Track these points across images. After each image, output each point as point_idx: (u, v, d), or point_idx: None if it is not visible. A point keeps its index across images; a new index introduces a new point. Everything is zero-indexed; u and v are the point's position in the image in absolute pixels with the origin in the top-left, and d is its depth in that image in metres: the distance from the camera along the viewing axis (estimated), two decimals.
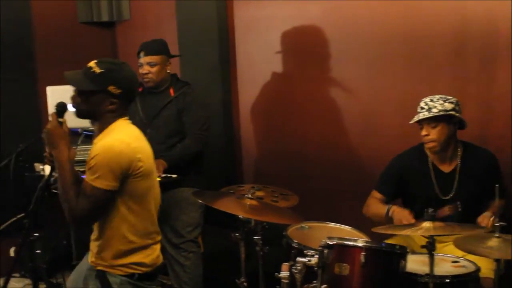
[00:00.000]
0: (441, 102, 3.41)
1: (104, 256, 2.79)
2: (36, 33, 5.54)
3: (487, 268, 3.11)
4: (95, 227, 2.84)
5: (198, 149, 4.19)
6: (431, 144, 3.47)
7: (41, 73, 5.51)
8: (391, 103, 4.27)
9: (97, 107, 2.74)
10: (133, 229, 2.77)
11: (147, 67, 4.15)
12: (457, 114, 3.42)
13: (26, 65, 5.44)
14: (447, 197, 3.52)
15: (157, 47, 4.23)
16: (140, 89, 4.24)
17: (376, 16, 4.26)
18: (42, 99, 5.21)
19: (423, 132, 3.47)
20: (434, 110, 3.40)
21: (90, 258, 2.89)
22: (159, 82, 4.20)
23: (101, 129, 2.79)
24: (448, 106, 3.41)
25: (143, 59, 4.17)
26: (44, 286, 4.92)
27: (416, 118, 3.45)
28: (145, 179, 2.76)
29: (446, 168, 3.56)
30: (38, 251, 3.70)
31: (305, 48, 4.72)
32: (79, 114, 2.79)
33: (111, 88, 2.71)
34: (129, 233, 2.77)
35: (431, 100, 3.44)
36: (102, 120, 2.77)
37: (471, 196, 3.50)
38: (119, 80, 2.73)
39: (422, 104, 3.46)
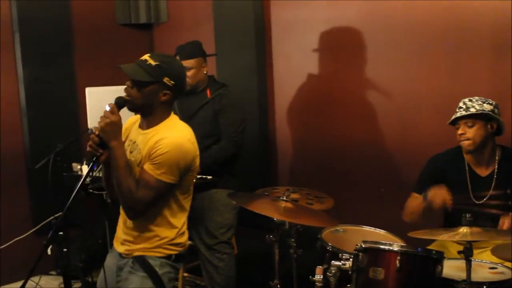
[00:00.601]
0: (480, 102, 3.41)
1: (145, 241, 2.87)
2: (75, 33, 5.62)
3: None
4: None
5: (233, 151, 4.20)
6: (466, 143, 3.44)
7: (79, 73, 5.58)
8: (428, 105, 4.23)
9: (152, 98, 2.80)
10: (175, 215, 2.90)
11: None
12: (495, 116, 3.39)
13: (65, 66, 5.51)
14: (481, 202, 3.48)
15: (191, 51, 4.24)
16: None
17: (414, 16, 4.23)
18: (80, 100, 5.28)
19: (459, 131, 3.45)
20: (472, 109, 3.39)
21: (121, 249, 2.95)
22: (195, 85, 4.22)
23: (154, 122, 2.85)
24: (487, 107, 3.39)
25: None
26: (79, 284, 5.01)
27: (453, 117, 3.46)
28: (192, 175, 2.92)
29: (482, 172, 3.52)
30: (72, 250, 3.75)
31: (341, 49, 4.71)
32: (133, 106, 2.83)
33: (166, 80, 2.78)
34: (172, 219, 2.89)
35: (470, 100, 3.44)
36: (155, 113, 2.84)
37: (506, 202, 3.44)
38: (173, 73, 2.81)
39: (460, 104, 3.47)
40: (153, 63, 2.76)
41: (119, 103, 2.79)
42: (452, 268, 3.03)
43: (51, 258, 5.18)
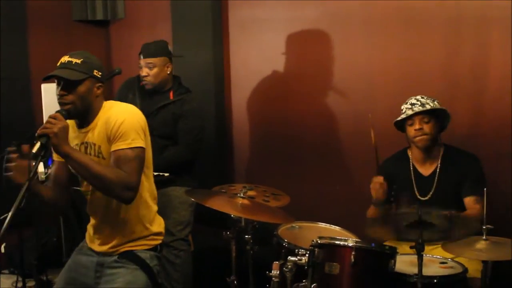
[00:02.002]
0: (431, 100, 3.53)
1: (129, 231, 2.91)
2: (30, 30, 5.55)
3: (474, 269, 3.16)
4: (113, 211, 2.89)
5: (188, 158, 4.23)
6: (424, 137, 3.53)
7: (34, 70, 5.51)
8: (383, 105, 4.31)
9: (89, 95, 2.79)
10: (149, 193, 2.97)
11: (146, 69, 4.17)
12: (448, 113, 3.52)
13: (19, 63, 5.44)
14: (425, 198, 3.59)
15: (155, 49, 4.23)
16: (142, 83, 4.26)
17: (372, 13, 4.32)
18: (35, 96, 5.22)
19: (416, 126, 3.53)
20: (427, 106, 3.49)
21: (102, 248, 2.95)
22: (158, 84, 4.21)
23: (92, 116, 2.85)
24: (438, 105, 3.52)
25: (142, 61, 4.18)
26: (33, 283, 4.95)
27: (410, 112, 3.51)
28: (148, 147, 2.92)
29: (425, 171, 3.65)
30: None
31: (299, 49, 4.78)
32: (75, 112, 2.79)
33: (95, 73, 2.81)
34: (148, 198, 2.96)
35: (422, 97, 3.54)
36: (92, 108, 2.83)
37: (449, 198, 3.56)
38: (98, 64, 2.86)
39: (412, 101, 3.55)
40: (78, 60, 2.78)
41: (63, 116, 2.73)
42: (404, 263, 3.11)
43: (2, 257, 5.15)
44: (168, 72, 4.26)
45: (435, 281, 2.97)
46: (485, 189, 2.96)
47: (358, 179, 4.42)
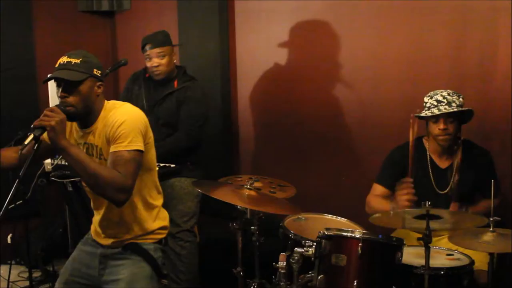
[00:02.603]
0: (456, 97, 3.42)
1: (132, 229, 2.92)
2: (36, 21, 5.54)
3: (481, 261, 3.14)
4: (116, 209, 2.85)
5: (188, 144, 4.20)
6: (447, 137, 3.46)
7: (40, 61, 5.50)
8: (390, 95, 4.31)
9: (90, 95, 2.77)
10: (152, 192, 2.98)
11: (157, 59, 4.15)
12: (473, 114, 3.47)
13: (25, 54, 5.44)
14: (443, 192, 3.55)
15: (163, 38, 4.23)
16: (148, 74, 4.27)
17: (379, 7, 4.29)
18: (41, 88, 5.22)
19: (441, 126, 3.43)
20: (454, 104, 3.40)
21: (106, 241, 2.95)
22: (169, 73, 4.21)
23: (94, 117, 2.82)
24: (462, 101, 3.44)
25: (152, 51, 4.16)
26: (39, 273, 4.97)
27: (437, 111, 3.41)
28: (152, 149, 2.93)
29: (443, 164, 3.59)
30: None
31: (305, 41, 4.76)
32: (76, 113, 2.76)
33: (95, 71, 2.79)
34: (151, 198, 2.96)
35: (449, 94, 3.43)
36: (93, 108, 2.81)
37: (466, 192, 3.54)
38: (97, 63, 2.83)
39: (438, 97, 3.43)
40: (77, 60, 2.74)
41: (68, 117, 2.71)
42: (411, 255, 3.11)
43: (9, 247, 5.18)
44: (175, 61, 4.29)
45: (442, 272, 2.96)
46: (492, 180, 2.93)
47: (364, 170, 4.40)
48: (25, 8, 5.46)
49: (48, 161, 4.13)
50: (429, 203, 2.84)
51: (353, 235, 2.86)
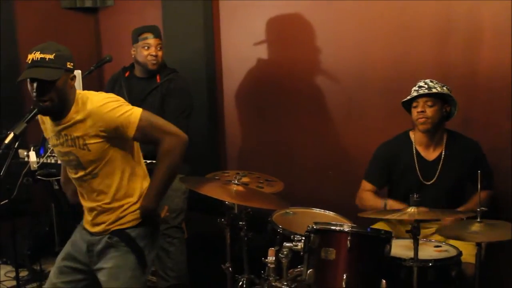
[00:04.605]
0: (440, 85, 3.49)
1: (116, 211, 2.89)
2: (18, 19, 5.49)
3: (468, 254, 3.18)
4: (99, 190, 2.89)
5: None
6: (424, 120, 3.49)
7: (23, 60, 5.43)
8: (376, 88, 4.31)
9: (65, 89, 2.73)
10: (136, 170, 2.95)
11: (155, 49, 4.15)
12: (454, 100, 3.49)
13: (8, 52, 5.38)
14: (429, 183, 3.57)
15: (160, 31, 4.24)
16: (127, 74, 4.25)
17: (364, 2, 4.28)
18: (25, 85, 5.16)
19: (419, 109, 3.49)
20: (434, 90, 3.46)
21: (94, 229, 2.94)
22: (160, 66, 4.21)
23: (68, 108, 2.77)
24: (446, 90, 3.49)
25: (153, 40, 4.14)
26: (26, 273, 4.94)
27: (415, 93, 3.49)
28: None
29: (429, 156, 3.60)
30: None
31: (290, 36, 4.75)
32: (52, 107, 2.73)
33: (69, 65, 2.75)
34: (135, 175, 2.94)
35: (431, 81, 3.51)
36: (67, 101, 2.77)
37: (453, 184, 3.56)
38: (69, 55, 2.77)
39: (420, 83, 3.52)
40: (51, 56, 2.69)
41: (41, 111, 2.71)
42: (399, 247, 3.14)
43: None
44: None
45: (430, 264, 2.98)
46: (479, 171, 2.95)
47: (350, 164, 4.42)
48: (8, 6, 5.41)
49: (34, 159, 4.10)
50: (417, 195, 2.86)
51: (342, 229, 2.86)
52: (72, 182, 3.01)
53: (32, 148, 4.23)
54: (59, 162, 3.80)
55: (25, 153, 4.47)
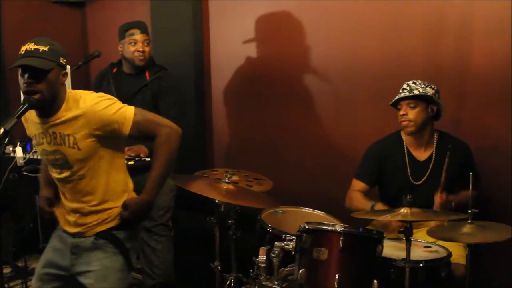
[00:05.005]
0: (423, 86, 3.49)
1: (101, 212, 2.86)
2: (5, 13, 5.43)
3: (457, 255, 3.19)
4: (81, 190, 2.85)
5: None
6: (407, 123, 3.51)
7: (8, 53, 5.39)
8: (365, 88, 4.31)
9: (56, 84, 2.70)
10: (120, 172, 2.93)
11: (142, 45, 4.14)
12: (436, 99, 3.49)
13: None
14: (418, 182, 3.57)
15: (146, 27, 4.23)
16: (115, 70, 4.22)
17: (351, 2, 4.28)
18: (9, 79, 5.13)
19: (401, 112, 3.52)
20: (415, 91, 3.46)
21: (76, 229, 2.89)
22: (147, 61, 4.20)
23: (58, 105, 2.74)
24: (430, 91, 3.48)
25: (140, 36, 4.14)
26: (9, 269, 4.88)
27: (396, 97, 3.52)
28: None
29: (421, 156, 3.61)
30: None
31: (280, 33, 4.74)
32: (42, 101, 2.69)
33: (62, 60, 2.73)
34: (118, 176, 2.92)
35: (414, 83, 3.51)
36: (57, 97, 2.73)
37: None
38: (62, 50, 2.76)
39: (404, 86, 3.53)
40: (45, 48, 2.67)
41: (32, 105, 2.67)
42: (389, 248, 3.13)
43: None
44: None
45: (421, 265, 2.98)
46: (471, 173, 2.95)
47: (339, 163, 4.41)
48: None
49: (20, 155, 4.06)
50: (409, 196, 2.87)
51: (334, 229, 2.85)
52: (47, 188, 3.00)
53: (18, 144, 4.19)
54: None
55: (11, 149, 4.42)
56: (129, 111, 2.76)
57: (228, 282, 3.76)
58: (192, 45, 5.03)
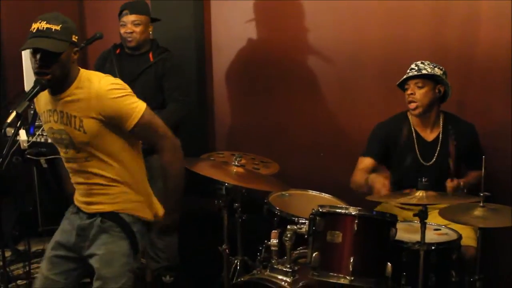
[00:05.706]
0: (431, 66, 3.50)
1: (111, 196, 2.83)
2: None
3: (467, 237, 3.21)
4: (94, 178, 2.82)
5: (184, 113, 4.18)
6: (413, 105, 3.52)
7: (7, 40, 5.31)
8: (370, 70, 4.29)
9: (68, 62, 2.65)
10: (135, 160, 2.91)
11: (131, 26, 4.10)
12: (445, 80, 3.50)
13: None
14: (429, 164, 3.58)
15: (141, 7, 4.19)
16: (118, 51, 4.19)
17: None
18: (7, 65, 5.09)
19: (409, 91, 3.53)
20: (424, 71, 3.47)
21: (88, 209, 2.86)
22: (142, 42, 4.15)
23: (69, 82, 2.70)
24: (438, 71, 3.49)
25: (127, 17, 4.11)
26: (9, 253, 4.85)
27: (404, 76, 3.53)
28: None
29: (428, 136, 3.62)
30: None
31: (282, 14, 4.69)
32: (54, 81, 2.64)
33: (74, 38, 2.66)
34: (133, 168, 2.88)
35: (422, 63, 3.52)
36: (69, 75, 2.69)
37: (451, 165, 3.56)
38: (74, 27, 2.69)
39: (412, 66, 3.54)
40: (57, 27, 2.59)
41: (43, 87, 2.64)
42: (400, 231, 3.09)
43: None
44: (150, 32, 4.24)
45: (433, 248, 2.99)
46: (483, 156, 2.96)
47: (344, 146, 4.41)
48: None
49: (24, 138, 4.01)
50: (425, 179, 2.87)
51: (348, 212, 2.85)
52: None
53: (22, 127, 4.14)
54: (49, 141, 3.76)
55: (13, 131, 4.37)
56: (140, 108, 2.71)
57: (233, 265, 3.76)
58: (192, 26, 4.97)
